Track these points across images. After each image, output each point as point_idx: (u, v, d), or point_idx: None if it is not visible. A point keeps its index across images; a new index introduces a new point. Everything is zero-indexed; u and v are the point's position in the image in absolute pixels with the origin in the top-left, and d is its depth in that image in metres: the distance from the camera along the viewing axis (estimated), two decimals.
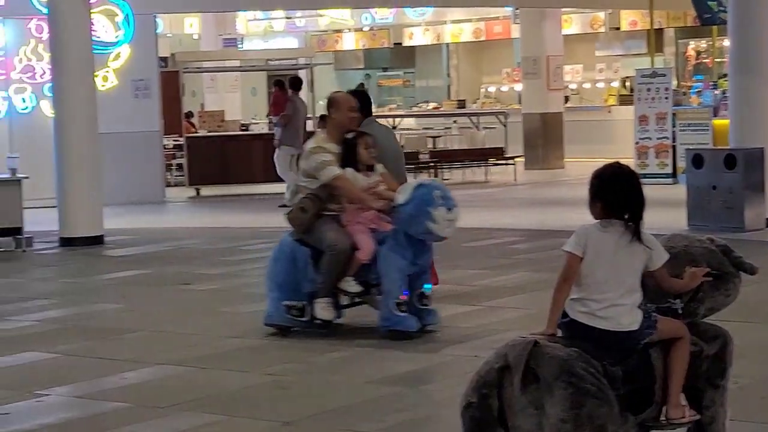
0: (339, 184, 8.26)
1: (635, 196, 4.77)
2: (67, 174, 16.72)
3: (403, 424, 6.90)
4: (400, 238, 8.02)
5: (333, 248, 8.20)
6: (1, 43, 22.47)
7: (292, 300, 8.55)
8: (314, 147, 8.68)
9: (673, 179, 20.62)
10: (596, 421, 4.59)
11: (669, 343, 5.06)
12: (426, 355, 8.68)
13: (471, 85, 30.29)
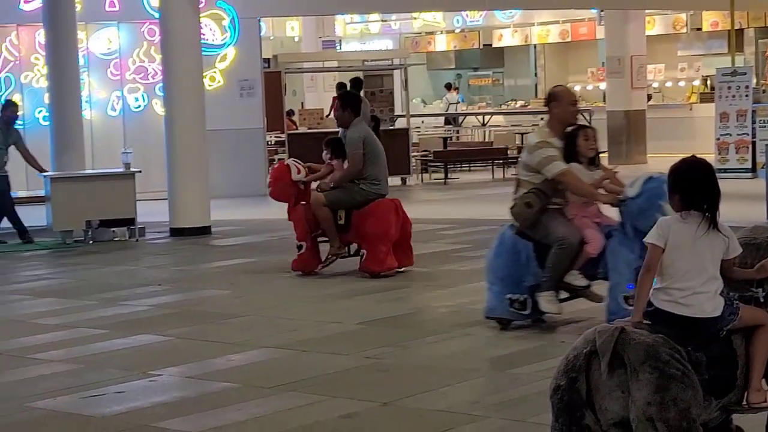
0: (566, 180, 7.91)
1: (710, 188, 4.84)
2: (176, 168, 16.96)
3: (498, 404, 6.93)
4: (629, 232, 7.71)
5: (563, 243, 7.93)
6: (115, 46, 22.77)
7: (515, 293, 8.22)
8: (539, 141, 8.31)
9: (753, 174, 20.42)
10: (681, 404, 4.64)
11: (751, 330, 5.07)
12: None
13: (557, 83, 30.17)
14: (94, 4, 21.89)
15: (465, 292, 11.22)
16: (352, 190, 12.76)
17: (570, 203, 7.98)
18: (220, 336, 9.70)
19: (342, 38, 28.63)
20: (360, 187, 12.77)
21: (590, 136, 8.18)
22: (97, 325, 10.54)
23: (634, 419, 4.84)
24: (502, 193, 21.17)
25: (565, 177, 7.78)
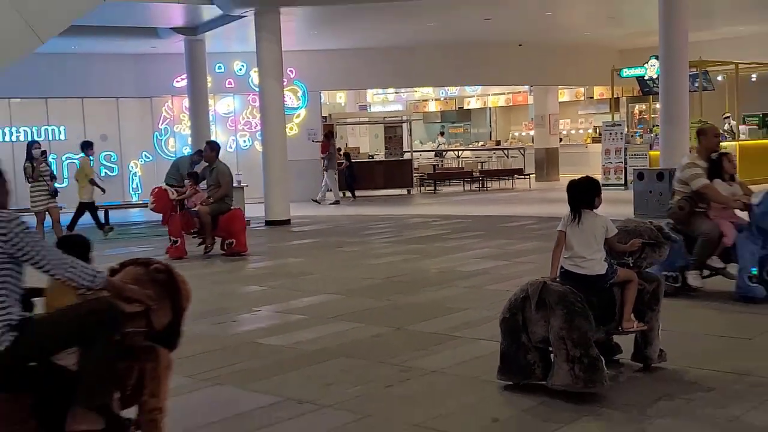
0: (707, 191, 7.45)
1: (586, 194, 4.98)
2: (269, 184, 17.00)
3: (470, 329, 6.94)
4: (754, 230, 7.15)
5: (707, 236, 7.43)
6: (232, 108, 22.80)
7: (668, 271, 7.49)
8: (689, 162, 7.80)
9: (624, 187, 20.39)
10: (581, 329, 4.74)
11: (624, 284, 5.16)
12: None
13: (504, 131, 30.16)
14: (219, 82, 21.87)
15: (449, 260, 11.28)
16: (223, 203, 12.55)
17: (712, 207, 7.48)
18: (297, 287, 9.84)
19: (370, 103, 28.70)
20: (226, 201, 12.62)
21: (731, 160, 7.69)
22: (222, 280, 10.76)
23: (552, 338, 4.93)
24: (469, 199, 21.24)
25: (706, 189, 7.45)
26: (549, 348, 4.91)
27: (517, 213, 16.75)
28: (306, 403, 5.06)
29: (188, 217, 12.49)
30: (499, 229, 14.54)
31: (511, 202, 19.75)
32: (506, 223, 15.33)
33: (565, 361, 4.74)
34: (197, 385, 5.56)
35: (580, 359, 4.71)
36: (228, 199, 12.77)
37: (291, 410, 4.97)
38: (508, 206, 18.74)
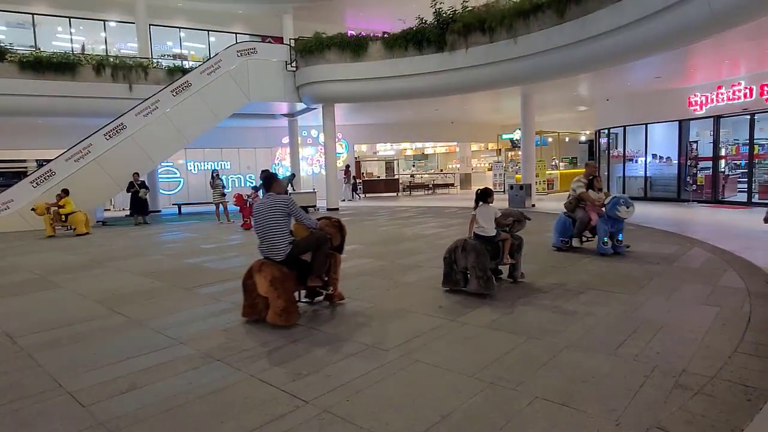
0: (582, 196, 7.14)
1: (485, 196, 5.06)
2: (328, 189, 16.86)
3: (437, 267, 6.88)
4: (605, 217, 6.83)
5: (582, 219, 7.11)
6: (309, 153, 22.57)
7: (563, 237, 7.33)
8: (577, 179, 7.39)
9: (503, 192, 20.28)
10: (483, 262, 4.77)
11: (504, 240, 5.22)
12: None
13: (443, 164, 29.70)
14: (304, 140, 21.78)
15: (417, 228, 10.80)
16: None
17: (587, 204, 7.11)
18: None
19: (378, 150, 28.16)
20: None
21: (599, 180, 7.31)
22: None
23: (468, 266, 4.98)
24: (427, 198, 21.11)
25: (583, 195, 7.16)
26: (467, 271, 4.98)
27: (450, 205, 16.79)
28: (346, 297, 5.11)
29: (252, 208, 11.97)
30: (442, 213, 14.20)
31: (447, 200, 19.83)
32: (445, 210, 15.32)
33: (475, 278, 4.84)
34: None
35: (482, 277, 4.81)
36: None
37: None
38: (446, 202, 18.73)
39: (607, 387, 2.94)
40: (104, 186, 13.91)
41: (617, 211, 6.71)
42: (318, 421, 2.66)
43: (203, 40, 20.63)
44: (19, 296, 5.72)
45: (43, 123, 17.29)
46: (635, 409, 2.68)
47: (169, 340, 4.01)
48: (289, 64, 16.02)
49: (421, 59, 14.12)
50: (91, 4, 18.36)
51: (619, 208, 6.71)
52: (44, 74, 15.04)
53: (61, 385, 3.23)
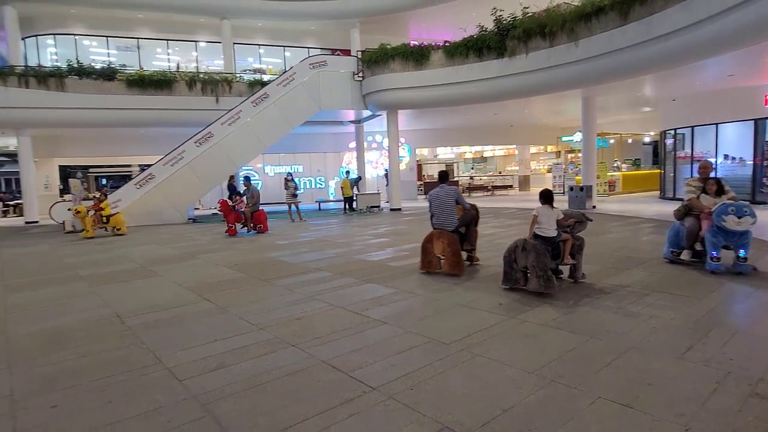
0: (693, 204, 5.75)
1: (549, 197, 4.78)
2: (392, 191, 16.92)
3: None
4: (714, 227, 5.32)
5: (691, 230, 5.70)
6: (374, 157, 22.69)
7: (675, 248, 5.97)
8: (687, 183, 5.98)
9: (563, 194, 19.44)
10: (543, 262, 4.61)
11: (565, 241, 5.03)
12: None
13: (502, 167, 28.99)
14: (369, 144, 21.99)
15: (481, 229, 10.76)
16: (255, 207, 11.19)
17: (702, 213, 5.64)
18: (401, 239, 9.24)
19: (438, 154, 27.88)
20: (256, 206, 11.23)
21: (712, 183, 5.77)
22: (365, 235, 10.18)
23: (529, 266, 4.83)
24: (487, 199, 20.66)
25: (692, 202, 5.77)
26: (527, 270, 4.83)
27: (508, 206, 16.35)
28: (409, 293, 5.13)
29: (238, 213, 11.26)
30: (500, 214, 13.84)
31: (505, 201, 19.34)
32: (503, 211, 14.94)
33: (535, 277, 4.68)
34: (360, 282, 5.67)
35: (542, 276, 4.64)
36: (256, 205, 11.36)
37: (401, 296, 5.07)
38: (504, 203, 18.30)
39: (675, 391, 2.73)
40: (195, 187, 14.83)
41: (723, 221, 5.23)
42: (384, 406, 2.68)
43: (279, 55, 21.45)
44: (126, 283, 6.19)
45: (144, 132, 18.72)
46: (706, 415, 2.48)
47: (249, 325, 4.19)
48: (356, 74, 16.28)
49: (482, 65, 13.85)
50: (184, 28, 19.65)
51: (725, 217, 5.21)
52: (146, 90, 16.31)
53: (161, 361, 3.47)
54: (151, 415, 2.68)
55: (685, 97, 15.28)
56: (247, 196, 11.48)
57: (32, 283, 6.36)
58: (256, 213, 11.35)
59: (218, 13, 18.77)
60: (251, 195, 11.43)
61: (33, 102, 15.23)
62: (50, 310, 4.96)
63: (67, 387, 3.09)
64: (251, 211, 11.29)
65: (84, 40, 19.13)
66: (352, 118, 19.08)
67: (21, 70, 15.41)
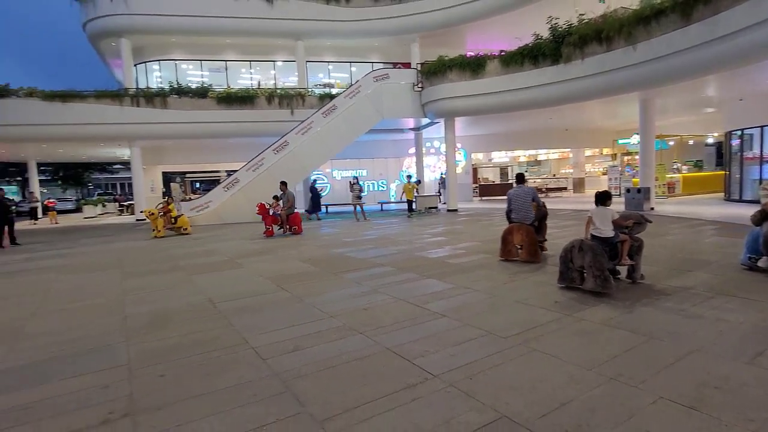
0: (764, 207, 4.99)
1: (604, 197, 4.48)
2: (449, 192, 16.70)
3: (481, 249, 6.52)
4: None
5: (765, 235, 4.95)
6: (431, 162, 22.52)
7: (753, 254, 5.17)
8: (763, 185, 5.31)
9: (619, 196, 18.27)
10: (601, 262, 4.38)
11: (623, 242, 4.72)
12: None
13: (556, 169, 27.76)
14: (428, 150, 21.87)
15: None
16: (290, 210, 11.02)
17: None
18: (458, 238, 8.95)
19: (492, 158, 27.09)
20: (291, 209, 11.07)
21: None
22: (424, 234, 10.08)
23: (585, 265, 4.61)
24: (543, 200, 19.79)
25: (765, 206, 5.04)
26: (583, 270, 4.60)
27: (563, 208, 15.62)
28: (466, 288, 5.04)
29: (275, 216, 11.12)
30: (555, 215, 13.29)
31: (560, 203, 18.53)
32: (558, 212, 14.33)
33: (592, 276, 4.45)
34: (420, 277, 5.66)
35: (599, 276, 4.40)
36: (292, 208, 11.12)
37: (459, 291, 5.00)
38: (559, 204, 17.54)
39: (744, 396, 2.48)
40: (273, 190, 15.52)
41: None
42: (445, 393, 2.67)
43: (346, 70, 21.92)
44: (217, 272, 6.56)
45: (231, 142, 19.88)
46: None
47: (321, 313, 4.32)
48: (415, 85, 16.27)
49: (537, 72, 13.34)
50: (264, 50, 20.65)
51: None
52: (232, 105, 17.33)
53: (247, 341, 3.67)
54: (241, 388, 2.84)
55: (753, 96, 13.78)
56: (283, 199, 11.32)
57: (142, 272, 6.88)
58: (291, 215, 11.12)
59: (294, 35, 19.53)
60: (287, 199, 11.24)
61: (142, 118, 16.68)
62: (157, 294, 5.36)
63: (172, 360, 3.35)
64: (287, 213, 11.09)
65: (182, 64, 20.65)
66: (412, 126, 19.07)
67: (133, 92, 16.94)
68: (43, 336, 4.02)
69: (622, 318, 3.83)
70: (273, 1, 18.82)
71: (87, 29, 18.38)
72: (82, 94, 16.27)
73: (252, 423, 2.43)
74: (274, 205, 11.33)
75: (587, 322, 3.79)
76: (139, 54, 19.91)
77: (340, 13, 19.47)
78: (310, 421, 2.42)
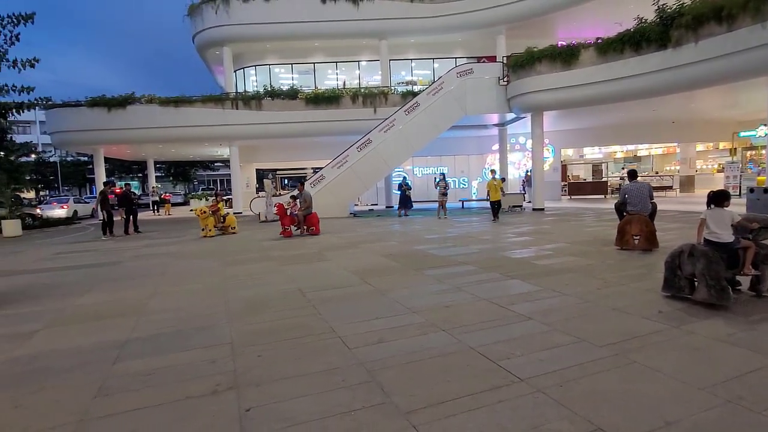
0: None
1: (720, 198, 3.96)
2: (534, 191, 15.99)
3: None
4: None
5: None
6: (517, 159, 21.66)
7: None
8: None
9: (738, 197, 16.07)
10: (716, 271, 3.92)
11: (746, 248, 4.16)
12: None
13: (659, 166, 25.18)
14: (512, 146, 21.08)
15: None
16: (307, 210, 10.66)
17: None
18: (544, 239, 8.54)
19: (583, 154, 25.24)
20: (308, 209, 10.70)
21: None
22: (513, 232, 9.74)
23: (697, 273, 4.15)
24: None
25: None
26: (694, 278, 4.14)
27: (667, 209, 14.12)
28: (554, 291, 4.81)
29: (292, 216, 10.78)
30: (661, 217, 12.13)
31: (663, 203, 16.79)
32: (663, 214, 12.98)
33: (705, 286, 4.00)
34: (504, 278, 5.49)
35: (714, 286, 3.96)
36: (309, 209, 10.81)
37: (547, 293, 4.79)
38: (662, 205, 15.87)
39: None
40: (356, 186, 16.04)
41: None
42: (532, 398, 2.58)
43: (429, 66, 21.86)
44: (306, 264, 6.87)
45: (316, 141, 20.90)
46: None
47: (404, 308, 4.37)
48: (501, 79, 15.76)
49: (639, 60, 12.17)
50: (350, 51, 21.36)
51: None
52: (319, 105, 18.20)
53: (334, 330, 3.83)
54: (330, 374, 3.00)
55: None
56: (300, 200, 10.95)
57: (239, 260, 7.41)
58: (308, 216, 10.84)
59: (378, 34, 19.93)
60: (304, 199, 10.88)
61: (240, 120, 18.18)
62: (253, 282, 5.75)
63: (268, 342, 3.62)
64: (304, 214, 10.80)
65: (275, 68, 22.12)
66: (496, 122, 18.50)
67: (233, 96, 18.53)
68: (162, 313, 4.53)
69: (742, 335, 3.40)
70: (358, 3, 19.37)
71: (196, 41, 20.47)
72: (191, 99, 18.18)
73: (341, 407, 2.55)
74: (292, 205, 11.08)
75: (698, 336, 3.42)
76: (239, 60, 21.71)
77: (423, 9, 19.46)
78: (395, 411, 2.48)
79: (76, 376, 3.08)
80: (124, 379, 3.00)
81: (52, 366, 3.28)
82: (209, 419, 2.46)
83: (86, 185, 43.38)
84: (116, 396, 2.76)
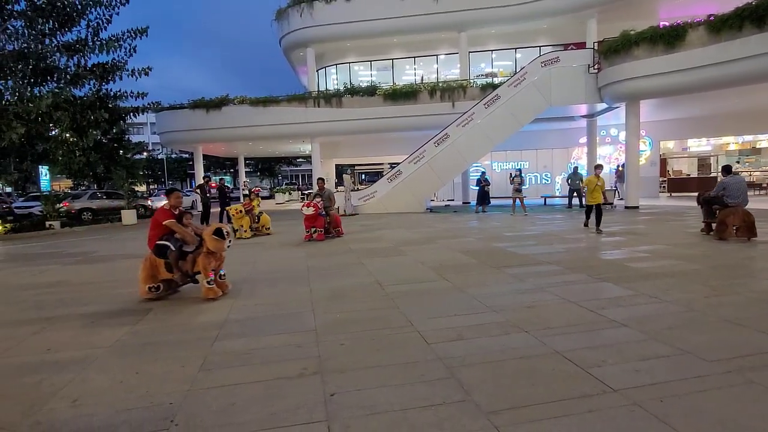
0: None
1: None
2: (628, 187, 14.74)
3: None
4: None
5: None
6: (608, 152, 20.05)
7: None
8: None
9: None
10: None
11: None
12: None
13: None
14: (602, 139, 19.57)
15: None
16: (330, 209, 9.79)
17: None
18: (638, 240, 7.83)
19: (689, 147, 22.61)
20: (333, 208, 9.94)
21: None
22: (607, 231, 8.93)
23: None
24: (757, 199, 15.95)
25: None
26: None
27: None
28: (652, 297, 4.43)
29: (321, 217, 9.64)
30: None
31: None
32: None
33: None
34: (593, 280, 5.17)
35: None
36: (332, 207, 9.98)
37: (643, 299, 4.45)
38: None
39: None
40: (432, 181, 15.95)
41: None
42: (628, 411, 2.39)
43: (510, 57, 21.00)
44: (383, 258, 6.96)
45: (393, 136, 21.09)
46: None
47: (483, 306, 4.27)
48: (591, 66, 14.67)
49: (762, 37, 10.61)
50: (428, 45, 21.22)
51: None
52: (397, 101, 18.34)
53: (413, 324, 3.83)
54: (409, 367, 3.00)
55: None
56: (323, 198, 9.91)
57: (322, 253, 7.77)
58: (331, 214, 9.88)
59: (457, 26, 19.55)
60: (327, 197, 9.95)
61: (322, 117, 18.95)
62: (334, 273, 5.91)
63: (349, 331, 3.72)
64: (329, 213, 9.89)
65: (354, 66, 22.69)
66: (584, 113, 17.28)
67: (315, 94, 19.35)
68: (254, 298, 4.84)
69: None
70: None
71: (282, 43, 21.66)
72: (277, 99, 19.31)
73: (421, 401, 2.54)
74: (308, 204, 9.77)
75: None
76: (321, 60, 22.60)
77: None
78: (475, 410, 2.44)
79: (183, 351, 3.43)
80: (224, 357, 3.28)
81: (164, 340, 3.69)
82: (298, 399, 2.59)
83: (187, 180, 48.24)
84: (217, 371, 3.03)
